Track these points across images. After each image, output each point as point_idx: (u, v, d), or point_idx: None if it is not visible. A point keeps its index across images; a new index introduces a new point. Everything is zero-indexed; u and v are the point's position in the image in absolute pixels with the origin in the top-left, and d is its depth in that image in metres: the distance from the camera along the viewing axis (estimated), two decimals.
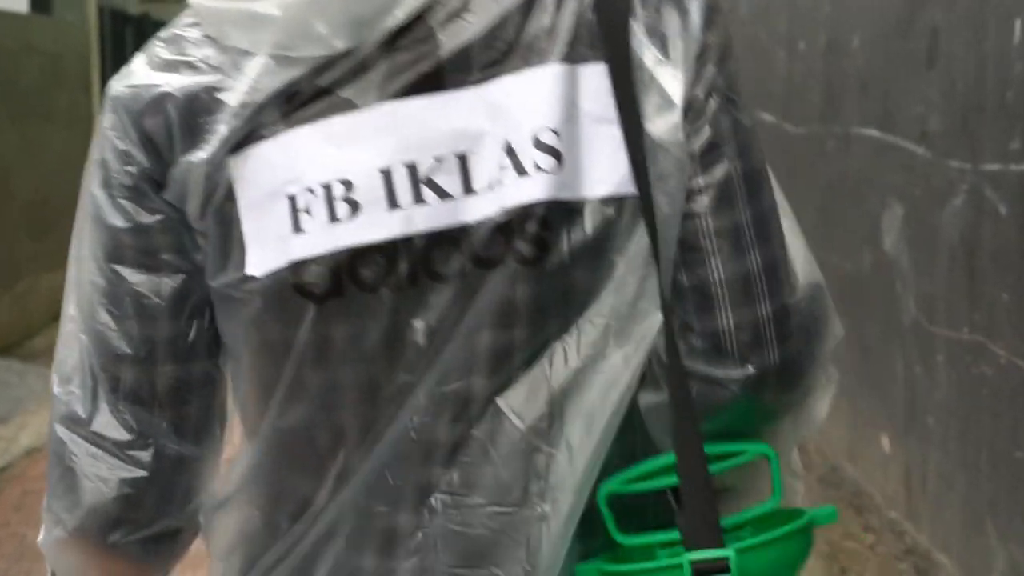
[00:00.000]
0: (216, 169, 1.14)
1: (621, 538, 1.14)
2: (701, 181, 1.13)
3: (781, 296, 1.14)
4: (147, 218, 1.17)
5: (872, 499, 3.98)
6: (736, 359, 1.13)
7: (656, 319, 1.13)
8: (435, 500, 1.14)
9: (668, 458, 1.14)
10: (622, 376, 1.13)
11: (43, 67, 9.27)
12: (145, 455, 1.21)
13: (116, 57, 14.25)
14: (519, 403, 1.13)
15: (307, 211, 1.12)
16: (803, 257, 1.18)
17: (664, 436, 1.17)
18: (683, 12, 1.14)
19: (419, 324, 1.13)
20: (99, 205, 1.19)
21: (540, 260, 1.12)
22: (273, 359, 1.15)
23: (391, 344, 1.13)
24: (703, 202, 1.13)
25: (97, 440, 1.21)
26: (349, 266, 1.12)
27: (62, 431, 1.22)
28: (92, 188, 1.19)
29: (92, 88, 11.94)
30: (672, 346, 1.13)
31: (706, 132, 1.13)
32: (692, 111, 1.13)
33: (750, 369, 1.13)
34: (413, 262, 1.12)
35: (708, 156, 1.13)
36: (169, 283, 1.18)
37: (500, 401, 1.13)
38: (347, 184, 1.12)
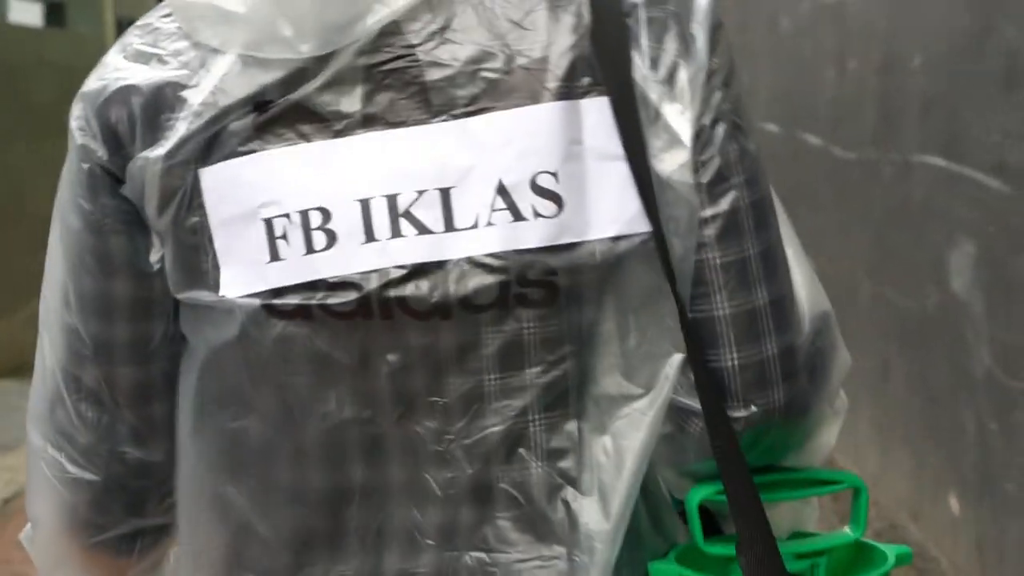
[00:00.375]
0: (175, 170, 1.11)
1: (706, 546, 1.12)
2: (708, 212, 1.10)
3: (788, 334, 1.12)
4: (101, 218, 1.14)
5: (938, 564, 3.67)
6: (739, 399, 1.11)
7: (674, 359, 1.10)
8: (470, 559, 1.11)
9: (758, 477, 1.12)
10: (647, 417, 1.10)
11: (58, 81, 9.05)
12: (102, 460, 1.19)
13: None
14: (545, 450, 1.11)
15: (284, 238, 1.09)
16: (809, 285, 1.16)
17: (665, 470, 1.16)
18: (688, 39, 1.10)
19: (393, 358, 1.10)
20: (62, 204, 1.17)
21: (547, 303, 1.09)
22: (235, 374, 1.13)
23: (363, 379, 1.10)
24: (709, 234, 1.10)
25: (59, 442, 1.20)
26: (323, 297, 1.09)
27: (32, 431, 1.22)
28: (60, 187, 1.18)
29: None
30: (707, 387, 1.10)
31: (714, 163, 1.10)
32: (699, 141, 1.10)
33: (753, 409, 1.11)
34: (386, 297, 1.08)
35: (716, 187, 1.10)
36: (124, 286, 1.16)
37: (523, 450, 1.10)
38: (325, 213, 1.08)
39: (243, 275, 1.10)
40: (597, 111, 1.08)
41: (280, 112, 1.08)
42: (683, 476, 1.16)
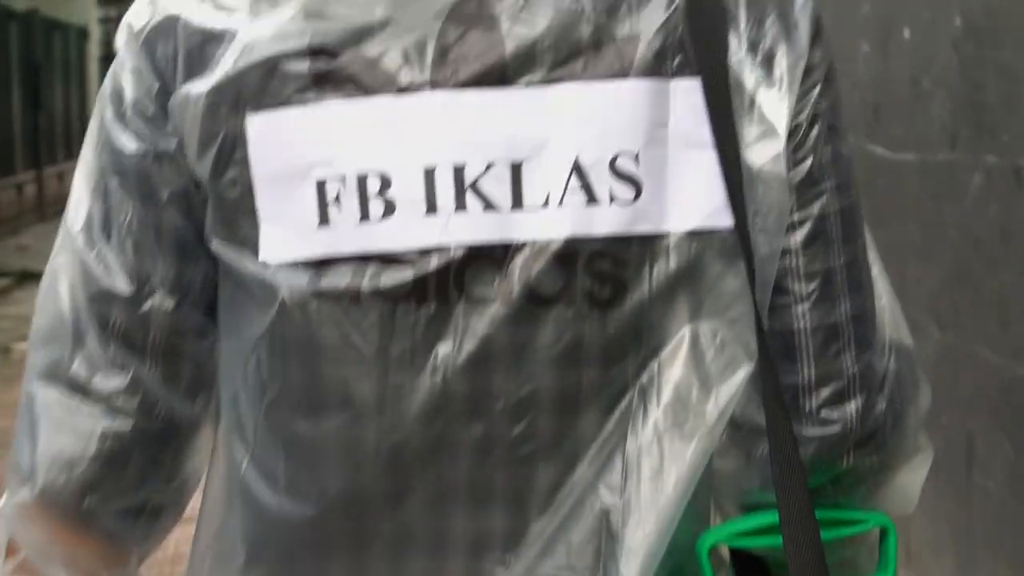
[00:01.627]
0: (219, 110, 1.08)
1: None
2: (796, 216, 1.10)
3: (868, 352, 1.12)
4: (152, 143, 1.13)
5: None
6: (815, 417, 1.11)
7: (745, 369, 1.09)
8: (499, 560, 1.09)
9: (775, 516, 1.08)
10: (710, 429, 1.09)
11: None
12: (132, 405, 1.15)
13: None
14: (592, 455, 1.09)
15: (337, 203, 1.07)
16: (891, 312, 1.15)
17: (726, 502, 1.16)
18: (790, 26, 1.09)
19: (444, 348, 1.07)
20: (108, 130, 1.15)
21: (614, 301, 1.08)
22: (273, 359, 1.10)
23: (410, 363, 1.07)
24: (796, 239, 1.10)
25: (78, 386, 1.15)
26: (374, 274, 1.07)
27: (35, 385, 1.17)
28: (102, 117, 1.16)
29: None
30: (775, 399, 1.08)
31: (806, 163, 1.10)
32: (793, 139, 1.09)
33: (829, 429, 1.11)
34: (444, 277, 1.07)
35: (806, 190, 1.10)
36: (169, 219, 1.13)
37: (572, 457, 1.08)
38: (385, 180, 1.07)
39: (286, 238, 1.07)
40: (686, 94, 1.06)
41: (342, 63, 1.06)
42: (744, 509, 1.14)
